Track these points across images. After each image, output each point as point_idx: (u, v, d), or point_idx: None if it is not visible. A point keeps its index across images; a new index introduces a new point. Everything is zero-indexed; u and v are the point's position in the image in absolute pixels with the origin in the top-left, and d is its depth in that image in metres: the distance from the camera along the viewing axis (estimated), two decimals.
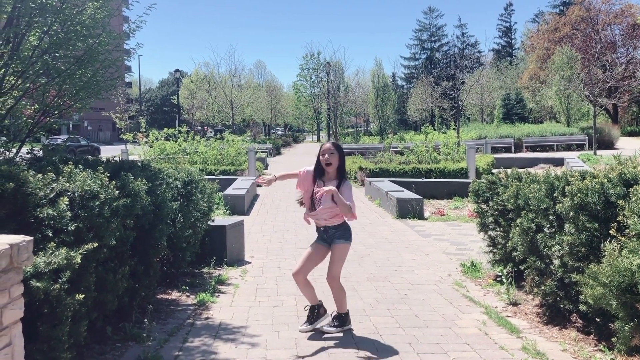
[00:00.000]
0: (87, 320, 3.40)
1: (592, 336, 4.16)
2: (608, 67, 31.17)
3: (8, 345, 2.56)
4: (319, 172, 4.39)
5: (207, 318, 4.85)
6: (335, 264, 4.33)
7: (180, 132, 20.04)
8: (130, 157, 17.91)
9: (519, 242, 4.88)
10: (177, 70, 43.87)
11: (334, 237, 4.36)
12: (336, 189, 4.19)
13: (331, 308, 4.58)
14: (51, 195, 3.50)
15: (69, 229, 3.34)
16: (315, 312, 4.47)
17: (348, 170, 18.88)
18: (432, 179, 14.87)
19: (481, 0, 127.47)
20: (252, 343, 4.23)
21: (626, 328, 3.23)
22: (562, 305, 4.39)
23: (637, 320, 3.16)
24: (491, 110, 52.94)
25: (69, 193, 3.56)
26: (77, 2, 6.54)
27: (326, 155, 4.27)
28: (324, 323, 4.47)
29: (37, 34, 6.49)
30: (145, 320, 4.47)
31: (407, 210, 10.58)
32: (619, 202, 3.74)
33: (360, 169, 16.98)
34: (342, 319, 4.44)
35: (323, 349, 4.10)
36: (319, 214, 4.33)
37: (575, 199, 4.06)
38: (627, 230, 3.45)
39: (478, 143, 24.76)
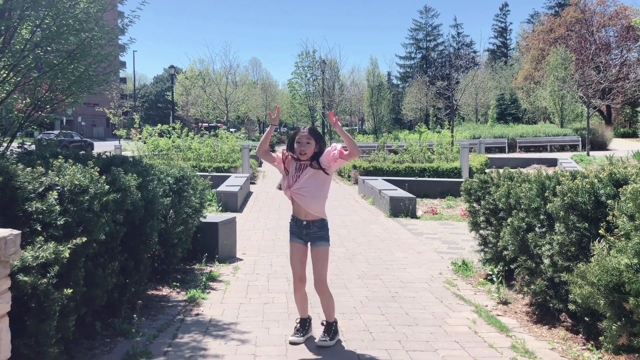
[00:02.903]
0: (75, 315, 3.38)
1: (580, 335, 4.18)
2: (602, 69, 31.28)
3: None
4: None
5: (197, 314, 4.84)
6: (322, 267, 4.07)
7: (174, 128, 19.98)
8: (124, 153, 17.82)
9: (510, 241, 4.89)
10: (171, 67, 43.66)
11: (315, 237, 4.05)
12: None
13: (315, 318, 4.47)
14: (40, 189, 3.47)
15: (58, 223, 3.33)
16: (307, 325, 4.25)
17: (342, 168, 18.90)
18: (426, 178, 14.91)
19: (477, 1, 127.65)
20: (242, 340, 4.23)
21: (613, 327, 3.24)
22: (551, 305, 4.41)
23: (625, 319, 3.18)
24: (485, 111, 53.07)
25: (59, 187, 3.54)
26: None
27: (302, 148, 3.96)
28: (315, 335, 4.27)
29: (29, 27, 6.45)
30: (135, 316, 4.45)
31: (400, 209, 10.60)
32: (609, 202, 3.76)
33: (354, 167, 16.98)
34: (334, 329, 4.20)
35: (312, 346, 4.10)
36: (301, 190, 3.96)
37: (565, 198, 4.07)
38: (616, 230, 3.47)
39: (472, 143, 24.82)
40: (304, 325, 4.23)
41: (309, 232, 4.05)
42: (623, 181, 3.94)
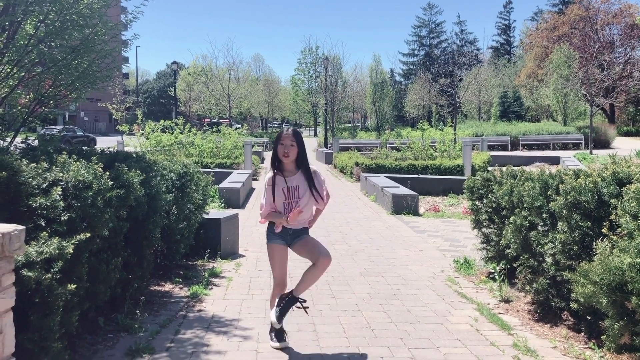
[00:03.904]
0: (78, 311, 3.40)
1: (582, 334, 4.19)
2: (606, 67, 31.23)
3: None
4: (276, 163, 3.97)
5: (199, 310, 4.86)
6: (320, 246, 3.95)
7: (176, 124, 19.99)
8: (126, 149, 17.86)
9: (512, 240, 4.89)
10: (174, 62, 43.67)
11: (298, 235, 4.01)
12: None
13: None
14: (44, 185, 3.48)
15: (62, 218, 3.33)
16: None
17: (345, 165, 18.89)
18: (428, 176, 14.89)
19: None
20: (244, 336, 4.24)
21: (616, 326, 3.25)
22: (553, 303, 4.41)
23: (627, 318, 3.18)
24: (488, 108, 52.99)
25: (62, 183, 3.55)
26: None
27: (285, 150, 3.88)
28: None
29: (33, 22, 6.46)
30: (138, 311, 4.47)
31: (402, 206, 10.60)
32: (612, 201, 3.75)
33: (357, 164, 16.98)
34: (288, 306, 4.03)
35: (314, 342, 4.11)
36: (301, 215, 3.91)
37: (568, 197, 4.07)
38: (619, 229, 3.47)
39: (474, 140, 24.81)
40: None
41: (295, 231, 4.00)
42: (626, 180, 3.94)
